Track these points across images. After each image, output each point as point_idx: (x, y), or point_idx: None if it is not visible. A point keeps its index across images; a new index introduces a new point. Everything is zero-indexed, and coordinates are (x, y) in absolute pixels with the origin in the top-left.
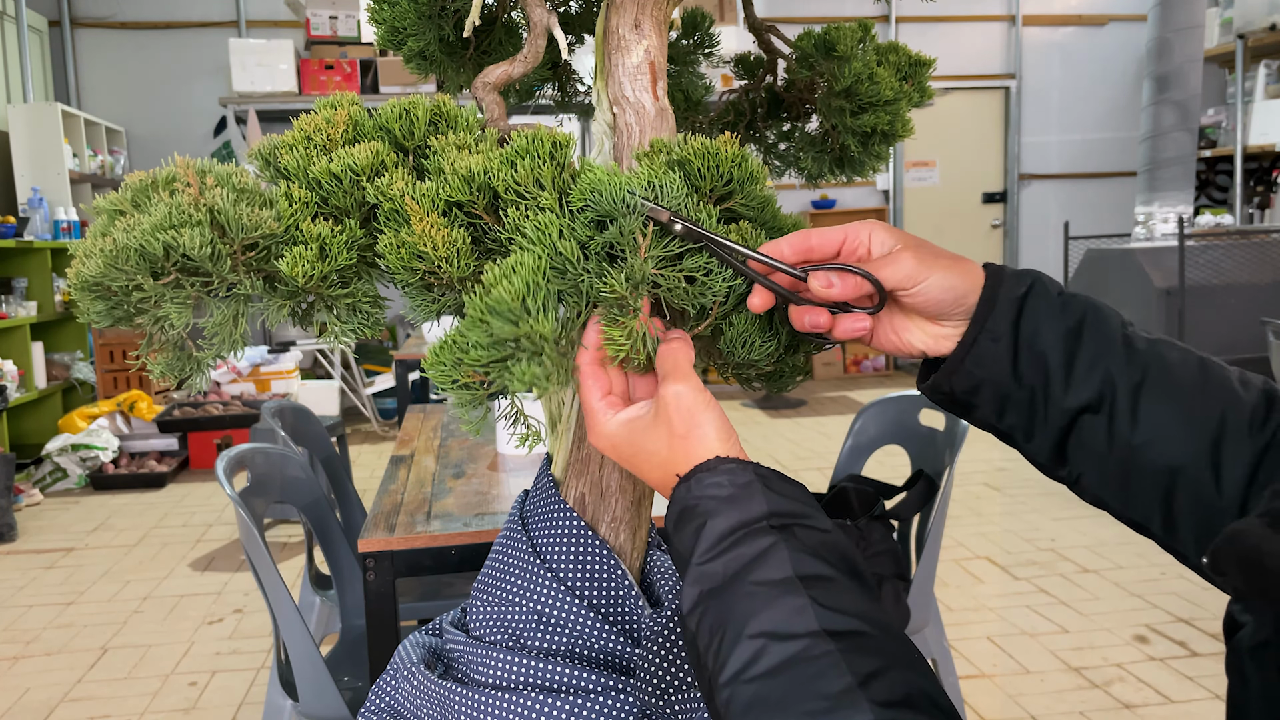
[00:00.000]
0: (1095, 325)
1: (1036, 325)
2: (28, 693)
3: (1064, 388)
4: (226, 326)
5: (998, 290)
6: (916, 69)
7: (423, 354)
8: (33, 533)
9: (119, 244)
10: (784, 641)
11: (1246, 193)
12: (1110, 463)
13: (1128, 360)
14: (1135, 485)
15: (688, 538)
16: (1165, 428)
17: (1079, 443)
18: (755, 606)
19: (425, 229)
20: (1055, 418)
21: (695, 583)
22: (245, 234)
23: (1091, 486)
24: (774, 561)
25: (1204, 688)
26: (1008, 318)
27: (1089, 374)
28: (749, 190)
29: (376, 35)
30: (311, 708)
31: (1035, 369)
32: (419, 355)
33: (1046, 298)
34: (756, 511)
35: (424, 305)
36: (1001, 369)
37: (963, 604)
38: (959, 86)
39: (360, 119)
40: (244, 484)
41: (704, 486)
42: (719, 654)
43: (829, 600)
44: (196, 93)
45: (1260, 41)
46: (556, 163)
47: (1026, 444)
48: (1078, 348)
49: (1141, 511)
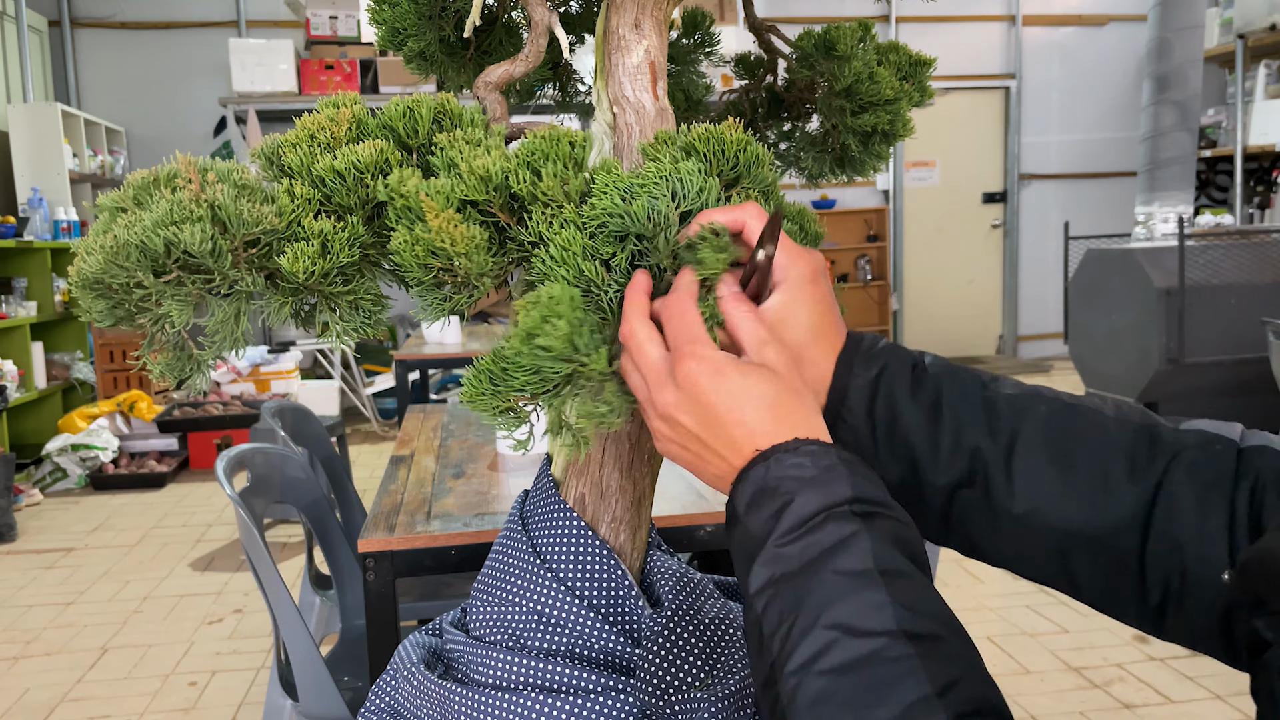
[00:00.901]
0: (954, 398)
1: (893, 409)
2: (28, 693)
3: (933, 468)
4: (228, 325)
5: (848, 378)
6: (917, 68)
7: (423, 354)
8: (33, 533)
9: (120, 240)
10: (860, 638)
11: (1246, 193)
12: (1001, 534)
13: (990, 429)
14: (1029, 552)
15: (765, 519)
16: (1043, 492)
17: (962, 519)
18: (831, 596)
19: (442, 224)
20: (931, 498)
21: (768, 564)
22: (246, 230)
23: (989, 556)
24: (855, 551)
25: (1204, 688)
26: (861, 407)
27: (954, 451)
28: (756, 174)
29: (377, 35)
30: (311, 708)
31: (899, 453)
32: (419, 355)
33: (900, 377)
34: (841, 495)
35: (435, 304)
36: (865, 455)
37: (963, 604)
38: (959, 86)
39: (363, 117)
40: (244, 484)
41: (784, 467)
42: (787, 639)
43: (907, 598)
44: (196, 93)
45: (1260, 41)
46: (578, 167)
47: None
48: (938, 425)
49: (1044, 574)
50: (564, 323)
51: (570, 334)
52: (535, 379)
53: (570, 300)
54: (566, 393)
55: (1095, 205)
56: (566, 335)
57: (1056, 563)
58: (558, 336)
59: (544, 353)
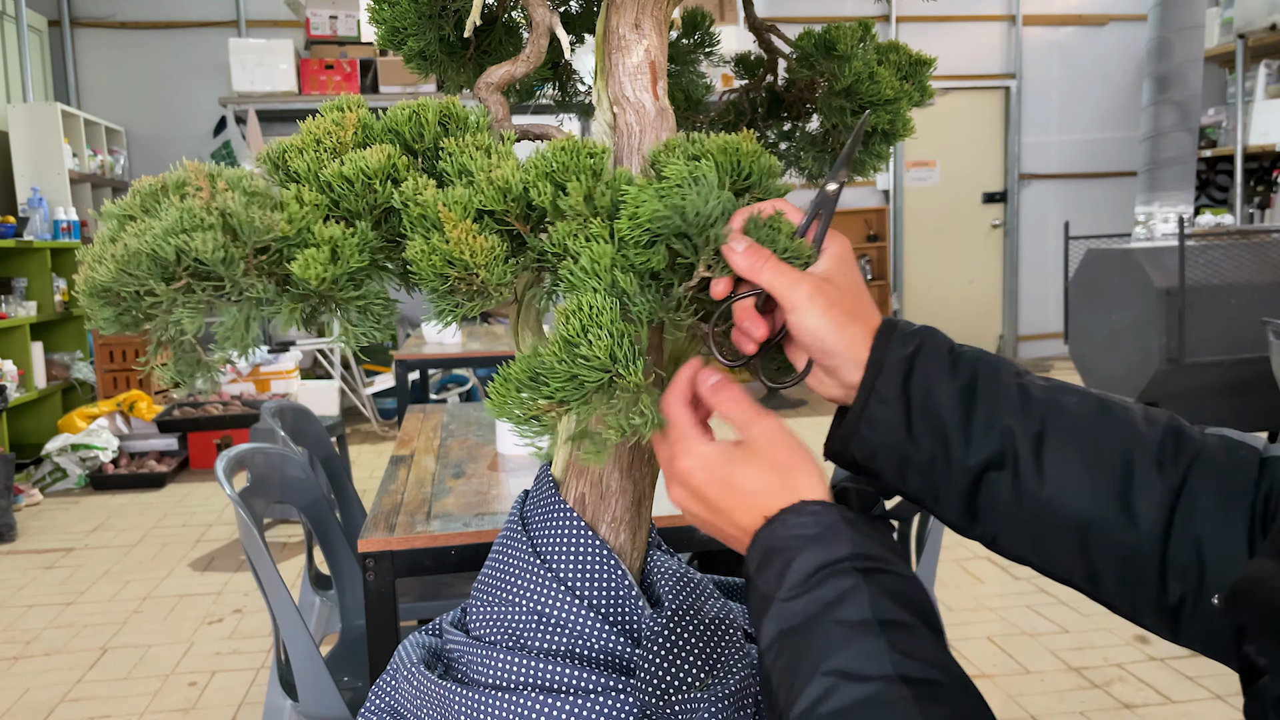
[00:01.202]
0: (989, 380)
1: (928, 386)
2: (28, 693)
3: (964, 447)
4: (238, 330)
5: (884, 353)
6: (917, 68)
7: (423, 354)
8: (33, 533)
9: (130, 249)
10: (857, 683)
11: (1246, 193)
12: (1022, 519)
13: (1024, 411)
14: (1051, 541)
15: (772, 577)
16: (1071, 478)
17: (988, 502)
18: (832, 645)
19: (461, 235)
20: (959, 477)
21: (776, 620)
22: (257, 237)
23: (1009, 546)
24: (854, 603)
25: (1204, 688)
26: (896, 380)
27: (987, 430)
28: (767, 184)
29: (377, 35)
30: (311, 708)
31: (931, 430)
32: (419, 355)
33: (936, 357)
34: (841, 552)
35: (448, 310)
36: (896, 432)
37: (963, 604)
38: (959, 86)
39: (369, 122)
40: (244, 484)
41: (789, 527)
42: (792, 689)
43: (906, 646)
44: (196, 93)
45: (1260, 41)
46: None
47: (935, 506)
48: (973, 405)
49: (1063, 566)
50: (605, 333)
51: (611, 345)
52: (571, 387)
53: (611, 310)
54: (597, 400)
55: (1095, 205)
56: (608, 346)
57: (1077, 554)
58: (600, 347)
59: (584, 362)
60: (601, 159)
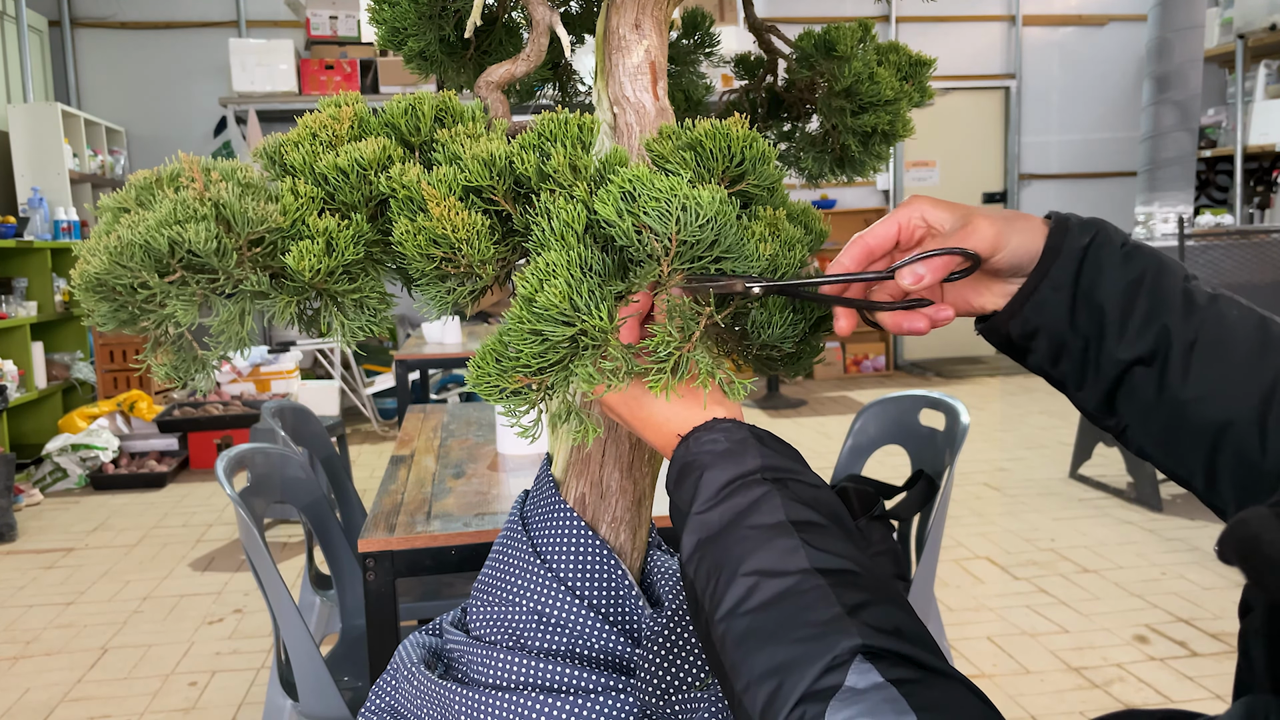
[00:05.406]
0: (1156, 279)
1: (1096, 276)
2: (28, 693)
3: (1118, 339)
4: (233, 325)
5: (1063, 240)
6: (917, 69)
7: (423, 354)
8: (33, 533)
9: (123, 240)
10: (777, 578)
11: (1246, 193)
12: (1158, 415)
13: (1185, 316)
14: (1181, 439)
15: (686, 491)
16: (1216, 385)
17: (1129, 394)
18: (749, 548)
19: (443, 212)
20: (1107, 368)
21: (693, 531)
22: (251, 228)
23: (1137, 438)
24: (767, 508)
25: (1204, 688)
26: (1070, 268)
27: (1144, 327)
28: (760, 171)
29: (377, 35)
30: (311, 708)
31: (1092, 320)
32: (419, 355)
33: (1109, 248)
34: (751, 465)
35: (439, 298)
36: (1059, 317)
37: (963, 604)
38: (959, 86)
39: (365, 115)
40: (244, 484)
41: (701, 444)
42: (714, 594)
43: (819, 543)
44: (196, 93)
45: (1260, 41)
46: (586, 149)
47: (1077, 392)
48: (1135, 301)
49: (1185, 466)
50: (560, 281)
51: (568, 292)
52: (538, 346)
53: (567, 263)
54: (575, 364)
55: (1095, 205)
56: (565, 293)
57: (1204, 456)
58: (556, 293)
59: (541, 312)
60: (591, 132)
